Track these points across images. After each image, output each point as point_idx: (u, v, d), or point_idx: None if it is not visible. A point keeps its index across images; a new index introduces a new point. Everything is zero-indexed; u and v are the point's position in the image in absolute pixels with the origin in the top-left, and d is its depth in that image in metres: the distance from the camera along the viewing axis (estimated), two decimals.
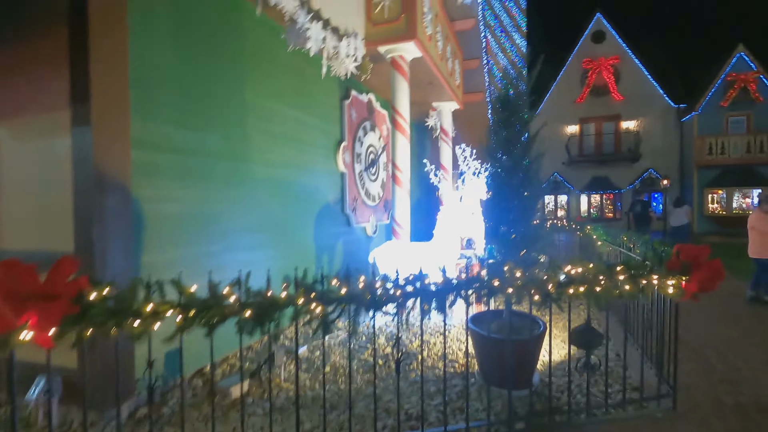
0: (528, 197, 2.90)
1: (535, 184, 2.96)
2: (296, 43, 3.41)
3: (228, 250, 3.61)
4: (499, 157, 2.88)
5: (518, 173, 2.86)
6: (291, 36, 3.38)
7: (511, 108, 2.87)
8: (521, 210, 2.86)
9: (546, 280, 2.42)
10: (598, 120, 21.57)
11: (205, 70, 3.32)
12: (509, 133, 2.84)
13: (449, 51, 6.55)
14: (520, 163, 2.86)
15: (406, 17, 4.67)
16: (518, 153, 2.85)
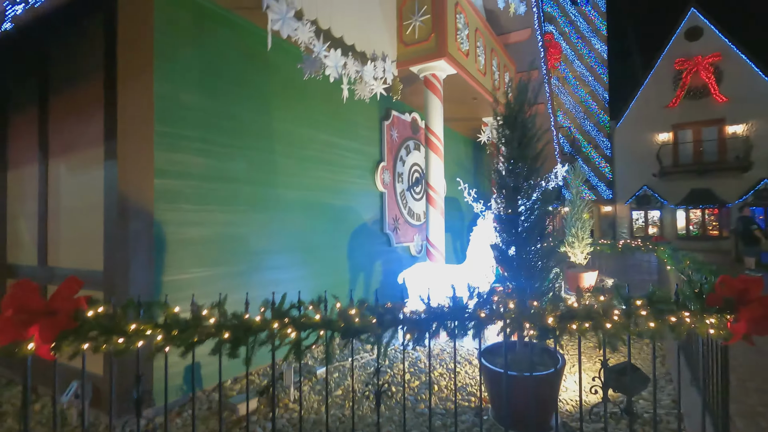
0: (537, 215, 2.64)
1: (542, 204, 2.70)
2: (311, 71, 3.55)
3: (254, 270, 3.80)
4: (504, 174, 2.68)
5: (524, 191, 2.62)
6: (307, 65, 3.52)
7: (517, 124, 2.66)
8: (530, 229, 2.61)
9: (543, 313, 2.17)
10: (696, 125, 19.19)
11: (229, 102, 3.58)
12: (515, 150, 2.63)
13: (495, 64, 6.33)
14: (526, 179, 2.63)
15: (436, 36, 4.62)
16: (524, 171, 2.62)
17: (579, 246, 7.61)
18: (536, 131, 2.72)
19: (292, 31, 3.28)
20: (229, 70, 3.58)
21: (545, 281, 2.69)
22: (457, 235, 8.35)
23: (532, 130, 2.68)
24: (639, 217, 20.34)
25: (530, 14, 7.81)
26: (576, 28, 20.52)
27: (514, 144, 2.65)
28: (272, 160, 4.02)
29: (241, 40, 3.67)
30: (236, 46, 3.63)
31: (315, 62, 3.54)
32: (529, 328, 2.16)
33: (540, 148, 2.74)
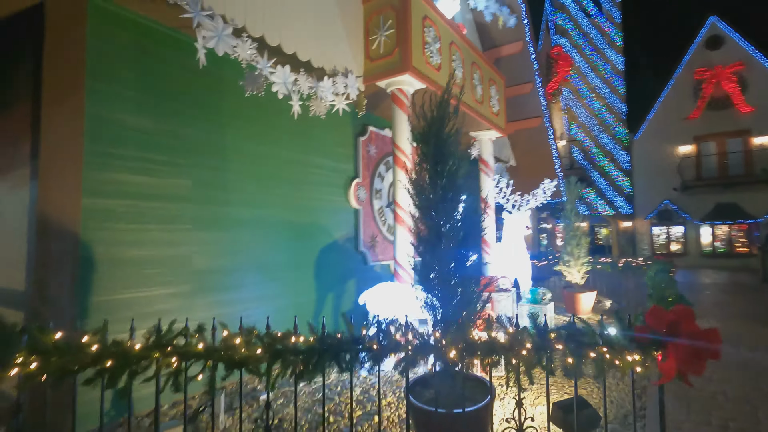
0: (461, 236, 2.43)
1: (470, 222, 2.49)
2: (254, 88, 3.49)
3: (199, 291, 3.71)
4: (425, 188, 2.49)
5: (448, 205, 2.42)
6: (248, 82, 3.47)
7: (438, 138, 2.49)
8: (452, 251, 2.41)
9: (446, 345, 1.96)
10: (719, 137, 18.33)
11: (174, 121, 3.56)
12: (436, 163, 2.45)
13: (478, 78, 6.17)
14: (449, 193, 2.43)
15: (400, 50, 4.52)
16: (447, 182, 2.43)
17: (575, 265, 7.22)
18: (455, 148, 2.53)
19: (230, 48, 3.24)
20: (174, 89, 3.57)
21: (472, 308, 2.47)
22: None
23: (452, 146, 2.50)
24: (661, 233, 19.42)
25: (521, 27, 7.66)
26: (590, 40, 20.13)
27: (431, 160, 2.47)
28: (223, 177, 3.96)
29: (187, 58, 3.65)
30: (183, 64, 3.62)
31: (257, 79, 3.48)
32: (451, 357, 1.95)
33: (460, 166, 2.55)
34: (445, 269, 2.41)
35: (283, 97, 3.73)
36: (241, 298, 4.10)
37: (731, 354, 5.12)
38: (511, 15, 7.50)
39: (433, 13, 5.03)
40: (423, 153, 2.57)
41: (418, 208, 2.51)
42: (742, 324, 6.75)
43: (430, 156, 2.46)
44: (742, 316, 7.39)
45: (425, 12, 4.86)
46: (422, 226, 2.50)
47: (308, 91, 3.96)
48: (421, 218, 2.50)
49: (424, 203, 2.45)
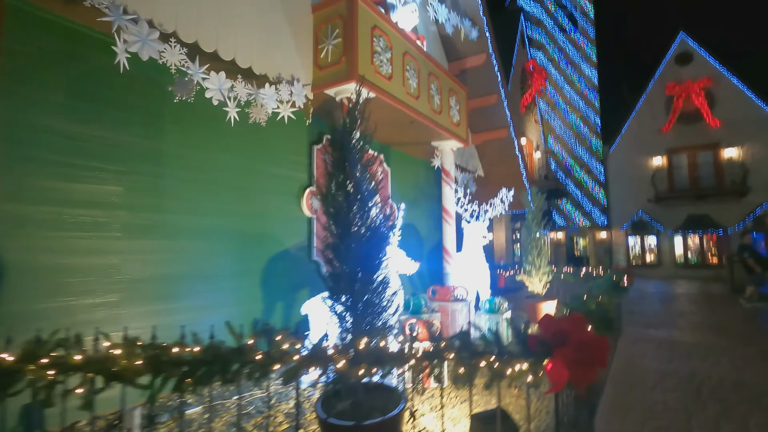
0: (371, 244, 2.39)
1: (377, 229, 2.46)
2: (184, 94, 3.44)
3: (129, 301, 3.59)
4: (333, 195, 2.45)
5: (354, 216, 2.39)
6: (178, 87, 3.43)
7: (344, 147, 2.46)
8: (362, 258, 2.37)
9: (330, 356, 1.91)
10: (690, 150, 18.78)
11: (104, 126, 3.48)
12: (343, 174, 2.42)
13: (435, 88, 6.21)
14: (354, 200, 2.40)
15: (346, 59, 4.53)
16: (353, 190, 2.40)
17: (537, 275, 7.24)
18: (363, 156, 2.51)
19: (155, 53, 3.19)
20: (104, 93, 3.49)
21: (380, 317, 2.43)
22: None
23: (358, 154, 2.47)
24: (635, 243, 19.71)
25: (484, 39, 7.77)
26: (565, 54, 20.59)
27: (338, 167, 2.45)
28: (160, 184, 3.88)
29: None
30: (114, 69, 3.53)
31: (188, 84, 3.43)
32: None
33: (369, 173, 2.52)
34: (351, 277, 2.36)
35: (218, 103, 3.69)
36: (180, 307, 4.00)
37: (682, 364, 5.15)
38: (473, 27, 7.61)
39: (383, 23, 5.06)
40: (330, 160, 2.54)
41: (326, 215, 2.47)
42: (700, 333, 6.81)
43: (337, 163, 2.43)
44: (701, 326, 7.47)
45: (374, 22, 4.89)
46: (330, 233, 2.45)
47: (246, 97, 3.93)
48: (328, 226, 2.45)
49: (331, 211, 2.41)
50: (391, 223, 2.66)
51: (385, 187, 7.22)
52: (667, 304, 10.50)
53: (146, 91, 3.77)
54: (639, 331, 6.94)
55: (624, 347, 5.95)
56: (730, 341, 6.26)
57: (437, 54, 7.96)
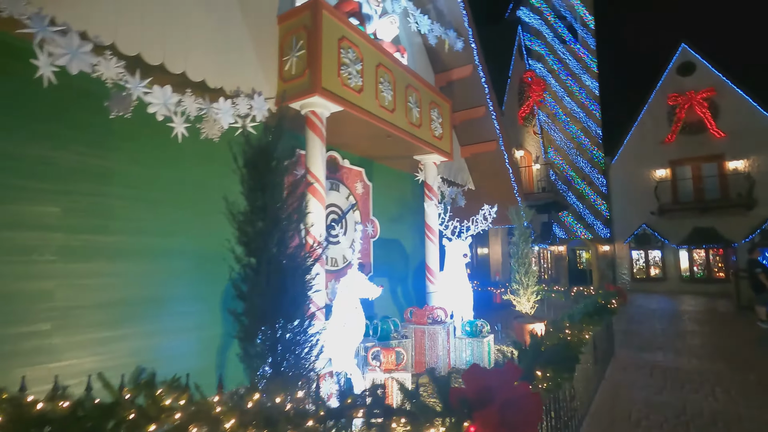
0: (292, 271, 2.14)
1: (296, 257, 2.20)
2: (119, 109, 3.24)
3: (63, 329, 3.35)
4: (249, 220, 2.20)
5: (273, 245, 2.14)
6: (114, 103, 3.23)
7: (264, 168, 2.23)
8: (278, 287, 2.10)
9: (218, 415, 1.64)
10: (694, 161, 18.39)
11: (36, 143, 3.28)
12: (262, 194, 2.18)
13: (414, 101, 5.99)
14: (270, 226, 2.15)
15: (310, 71, 4.32)
16: (270, 214, 2.15)
17: (525, 294, 6.91)
18: (282, 177, 2.27)
19: (88, 66, 3.00)
20: (37, 110, 3.29)
21: (304, 359, 2.15)
22: (400, 280, 7.77)
23: (278, 175, 2.23)
24: (639, 257, 19.22)
25: (469, 50, 7.58)
26: (565, 65, 20.39)
27: (258, 191, 2.20)
28: (104, 204, 3.66)
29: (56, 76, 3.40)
30: (49, 83, 3.35)
31: (125, 99, 3.23)
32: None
33: (286, 194, 2.28)
34: (269, 315, 2.10)
35: (163, 118, 3.49)
36: (127, 334, 3.75)
37: (673, 395, 4.78)
38: (458, 39, 7.42)
39: (353, 34, 4.87)
40: (247, 181, 2.30)
41: (240, 244, 2.22)
42: (698, 359, 6.42)
43: (254, 186, 2.19)
44: (701, 350, 7.07)
45: (342, 33, 4.69)
46: (242, 265, 2.20)
47: (197, 112, 3.72)
48: (242, 256, 2.20)
49: (244, 239, 2.16)
50: (319, 252, 2.40)
51: (366, 203, 6.98)
52: (668, 323, 10.07)
53: (88, 106, 3.56)
54: (632, 355, 6.56)
55: (613, 374, 5.59)
56: (729, 367, 5.86)
57: (422, 65, 7.77)
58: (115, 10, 3.25)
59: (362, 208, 6.88)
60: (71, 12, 2.99)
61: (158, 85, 3.45)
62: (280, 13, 4.75)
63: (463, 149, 9.05)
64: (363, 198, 6.91)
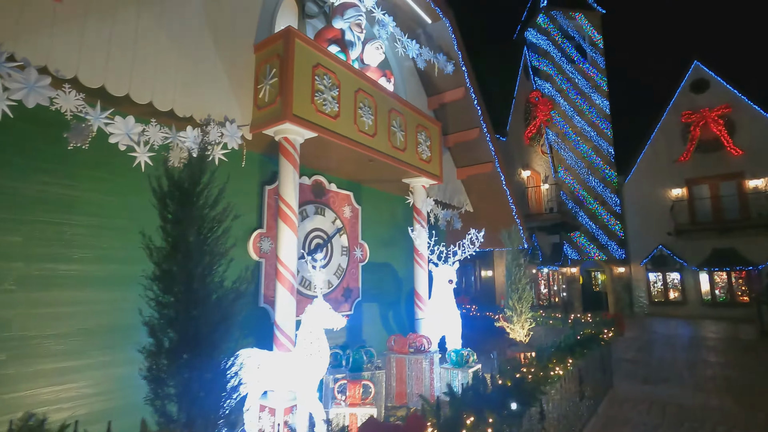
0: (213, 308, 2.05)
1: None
2: (78, 141, 3.28)
3: (20, 359, 3.34)
4: (168, 257, 2.14)
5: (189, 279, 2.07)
6: (74, 134, 3.27)
7: (183, 199, 2.18)
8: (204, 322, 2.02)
9: None
10: (712, 180, 17.79)
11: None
12: (181, 229, 2.12)
13: (398, 124, 5.96)
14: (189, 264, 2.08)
15: (281, 98, 4.34)
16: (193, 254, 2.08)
17: (518, 321, 6.65)
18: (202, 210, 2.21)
19: (46, 99, 3.06)
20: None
21: (221, 408, 2.05)
22: (391, 306, 7.60)
23: (199, 209, 2.17)
24: (657, 279, 18.47)
25: (460, 73, 7.57)
26: (574, 84, 20.22)
27: (175, 222, 2.15)
28: (67, 232, 3.69)
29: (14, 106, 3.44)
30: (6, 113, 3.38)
31: (84, 130, 3.28)
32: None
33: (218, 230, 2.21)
34: (185, 353, 2.01)
35: (125, 147, 3.52)
36: (88, 364, 3.71)
37: None
38: (448, 62, 7.42)
39: (330, 61, 4.90)
40: (166, 214, 2.25)
41: (157, 280, 2.16)
42: (705, 392, 6.00)
43: (174, 219, 2.14)
44: (710, 382, 6.63)
45: (318, 60, 4.72)
46: (157, 303, 2.13)
47: (162, 141, 3.76)
48: (159, 293, 2.14)
49: (158, 274, 2.10)
50: (243, 287, 2.32)
51: (355, 227, 6.91)
52: (682, 350, 9.53)
53: (51, 135, 3.58)
54: (633, 388, 6.18)
55: (607, 409, 5.25)
56: (737, 403, 5.45)
57: (414, 88, 7.78)
58: (77, 43, 3.33)
59: (350, 231, 6.81)
60: (31, 47, 3.07)
61: (120, 116, 3.50)
62: (257, 42, 4.83)
63: (459, 171, 8.95)
64: (351, 222, 6.84)
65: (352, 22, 5.78)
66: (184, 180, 2.20)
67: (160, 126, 3.76)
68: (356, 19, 5.79)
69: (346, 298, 6.54)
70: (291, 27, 4.46)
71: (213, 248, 2.16)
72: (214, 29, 4.45)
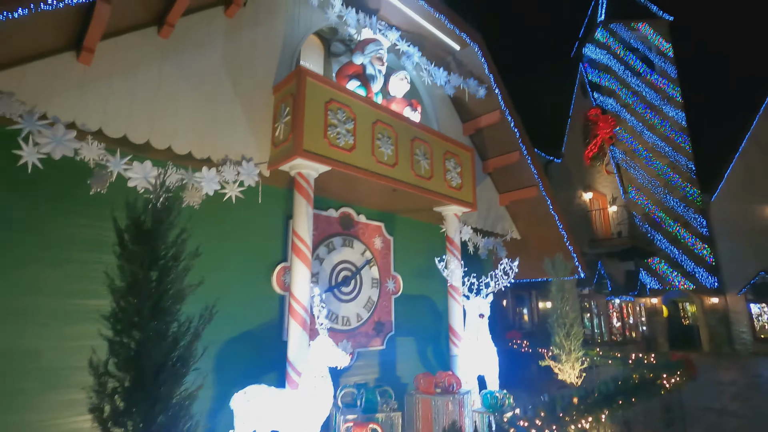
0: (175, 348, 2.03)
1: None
2: (98, 186, 3.58)
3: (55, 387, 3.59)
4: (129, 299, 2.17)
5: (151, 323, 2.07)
6: (95, 180, 3.58)
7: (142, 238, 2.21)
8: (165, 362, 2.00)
9: None
10: None
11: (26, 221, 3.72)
12: (141, 269, 2.16)
13: (422, 153, 5.84)
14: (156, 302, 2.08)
15: (293, 135, 4.46)
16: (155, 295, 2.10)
17: (568, 360, 5.96)
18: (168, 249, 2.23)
19: (71, 151, 3.41)
20: (37, 185, 3.73)
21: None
22: (430, 340, 7.24)
23: (160, 249, 2.20)
24: (762, 312, 15.83)
25: (494, 96, 7.35)
26: (642, 98, 18.74)
27: (134, 262, 2.20)
28: (99, 269, 3.98)
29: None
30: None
31: (104, 177, 3.58)
32: None
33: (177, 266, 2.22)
34: (135, 400, 2.01)
35: (144, 190, 3.79)
36: None
37: None
38: (480, 86, 7.24)
39: (344, 95, 4.98)
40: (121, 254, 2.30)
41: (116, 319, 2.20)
42: None
43: (129, 258, 2.19)
44: None
45: (331, 96, 4.82)
46: (119, 342, 2.16)
47: (177, 183, 4.00)
48: (123, 331, 2.17)
49: (119, 315, 2.14)
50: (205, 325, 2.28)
51: (387, 258, 6.78)
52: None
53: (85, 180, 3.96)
54: None
55: None
56: None
57: (446, 115, 7.64)
58: (102, 97, 3.71)
59: (382, 263, 6.69)
60: (60, 107, 3.47)
61: (138, 161, 3.79)
62: (276, 83, 5.07)
63: (502, 197, 8.52)
64: (383, 253, 6.73)
65: (373, 57, 5.88)
66: (147, 220, 2.27)
67: (176, 168, 4.01)
68: (376, 53, 5.89)
69: (377, 332, 6.36)
70: (302, 66, 4.64)
71: (172, 287, 2.18)
72: (234, 73, 4.75)
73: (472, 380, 5.67)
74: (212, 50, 4.62)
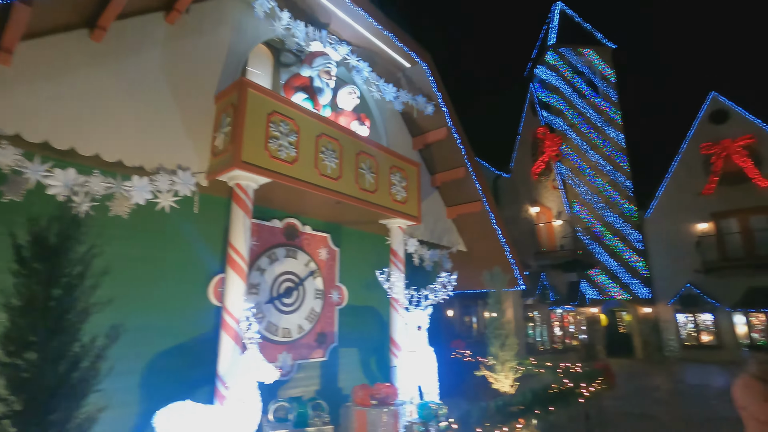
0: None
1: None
2: (13, 194, 3.40)
3: None
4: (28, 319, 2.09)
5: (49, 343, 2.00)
6: (10, 187, 3.39)
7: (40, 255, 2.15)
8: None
9: None
10: (741, 214, 16.79)
11: None
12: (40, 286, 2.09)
13: (367, 166, 5.95)
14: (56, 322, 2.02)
15: (232, 146, 4.43)
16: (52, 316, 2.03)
17: (502, 370, 6.22)
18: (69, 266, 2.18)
19: None
20: None
21: None
22: (374, 351, 7.30)
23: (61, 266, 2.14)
24: (687, 321, 17.17)
25: (441, 113, 7.60)
26: (586, 119, 19.97)
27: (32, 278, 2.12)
28: None
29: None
30: None
31: (20, 183, 3.40)
32: None
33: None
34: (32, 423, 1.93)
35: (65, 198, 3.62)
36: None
37: None
38: (428, 103, 7.47)
39: (287, 107, 4.99)
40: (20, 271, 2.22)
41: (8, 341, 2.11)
42: None
43: (28, 274, 2.12)
44: None
45: (273, 108, 4.82)
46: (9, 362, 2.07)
47: (104, 191, 3.86)
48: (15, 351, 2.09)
49: (13, 335, 2.05)
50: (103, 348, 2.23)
51: (332, 269, 6.80)
52: (705, 404, 8.62)
53: None
54: None
55: None
56: None
57: (396, 129, 7.82)
58: (22, 100, 3.53)
59: (327, 274, 6.70)
60: None
61: (60, 168, 3.63)
62: (218, 92, 5.01)
63: (449, 210, 8.79)
64: (328, 264, 6.75)
65: (321, 70, 5.93)
66: (48, 236, 2.19)
67: (105, 175, 3.87)
68: (325, 67, 5.95)
69: (320, 344, 6.34)
70: (244, 78, 4.63)
71: (76, 306, 2.11)
72: (173, 80, 4.65)
73: (412, 391, 5.78)
74: (150, 56, 4.51)
